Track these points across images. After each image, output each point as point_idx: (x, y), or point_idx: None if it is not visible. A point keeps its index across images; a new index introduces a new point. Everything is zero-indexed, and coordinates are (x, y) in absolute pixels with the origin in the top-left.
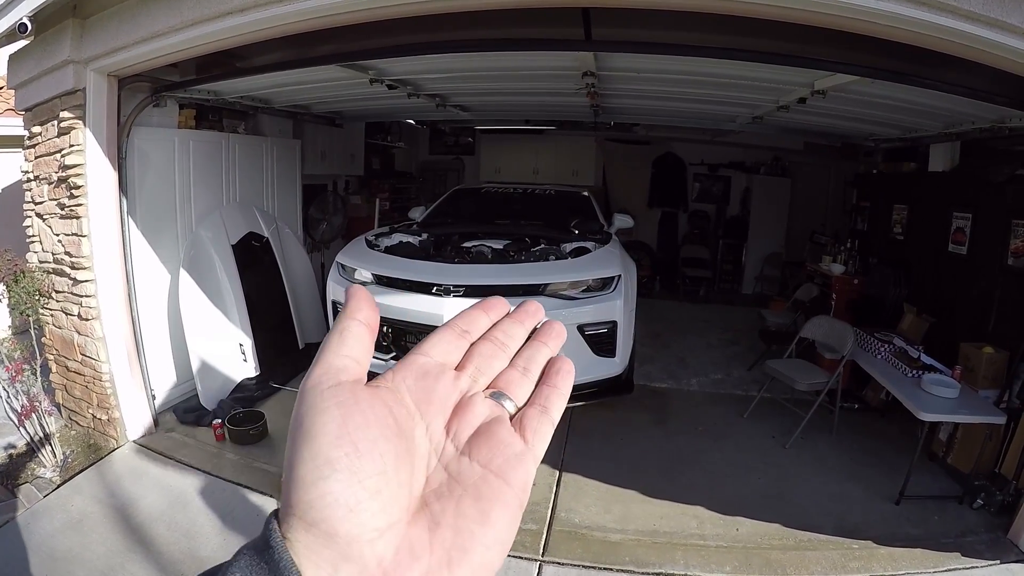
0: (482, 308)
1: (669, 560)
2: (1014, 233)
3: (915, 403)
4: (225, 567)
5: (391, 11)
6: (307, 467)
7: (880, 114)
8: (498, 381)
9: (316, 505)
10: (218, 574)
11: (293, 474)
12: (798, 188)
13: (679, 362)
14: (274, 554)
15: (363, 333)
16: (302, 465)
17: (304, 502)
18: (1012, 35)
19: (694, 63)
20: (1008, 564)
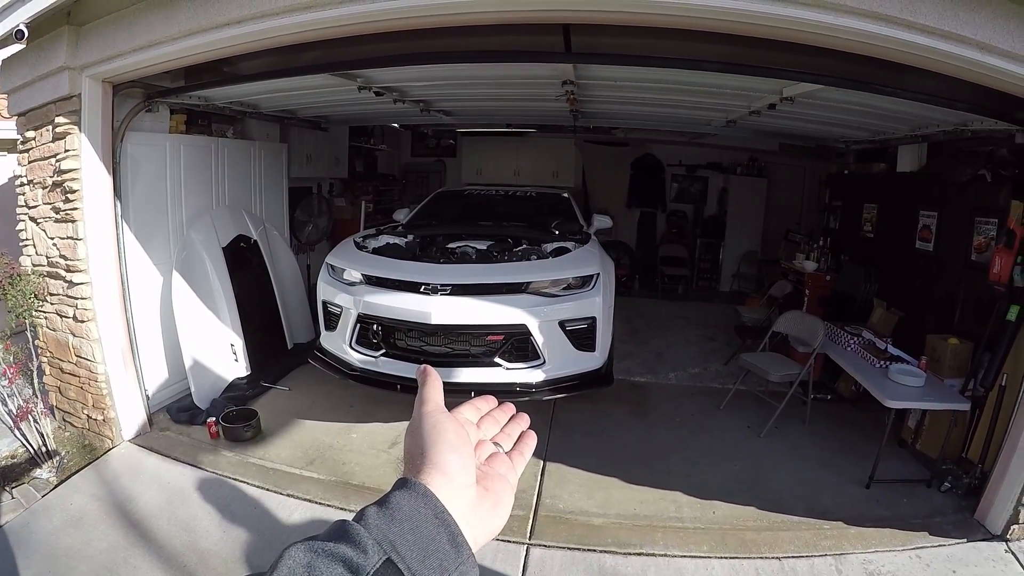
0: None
1: (649, 541)
2: (977, 230)
3: (882, 392)
4: (387, 495)
5: (382, 25)
6: (441, 446)
7: (848, 118)
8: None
9: (448, 462)
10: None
11: (436, 448)
12: (774, 188)
13: (658, 357)
14: (413, 483)
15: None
16: (440, 444)
17: (442, 462)
18: (968, 47)
19: (668, 72)
20: (975, 542)
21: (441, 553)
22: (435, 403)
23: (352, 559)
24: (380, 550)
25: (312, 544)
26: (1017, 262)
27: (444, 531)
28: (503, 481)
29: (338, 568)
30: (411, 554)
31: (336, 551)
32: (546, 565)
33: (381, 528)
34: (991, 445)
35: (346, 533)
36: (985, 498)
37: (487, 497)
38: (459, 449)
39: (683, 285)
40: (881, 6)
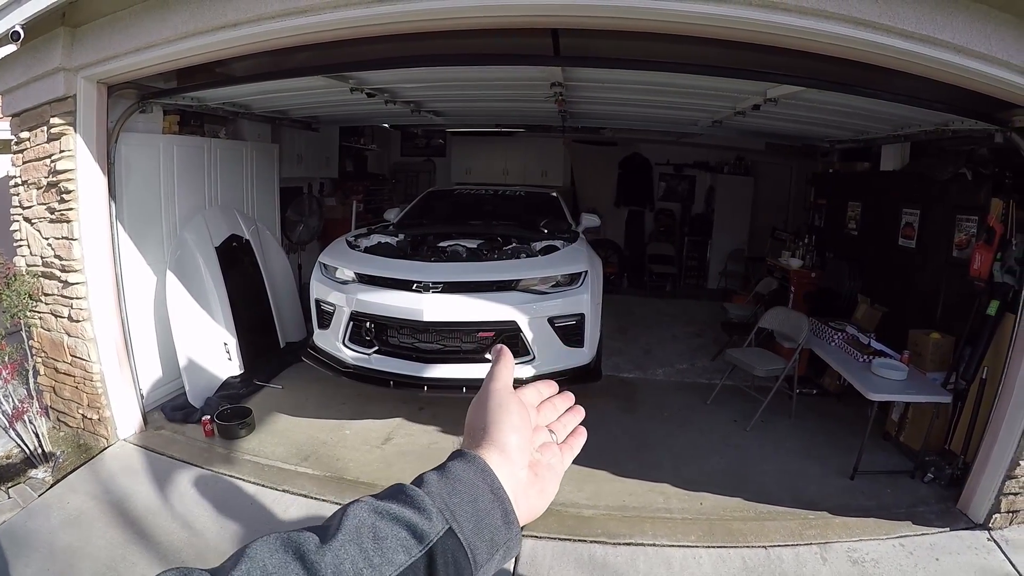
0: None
1: (638, 532)
2: (958, 227)
3: (865, 385)
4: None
5: (375, 29)
6: (506, 424)
7: (831, 118)
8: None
9: (508, 442)
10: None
11: (499, 427)
12: (760, 187)
13: (646, 354)
14: (473, 457)
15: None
16: (504, 423)
17: (502, 440)
18: (945, 50)
19: (654, 74)
20: (957, 531)
21: (494, 527)
22: (504, 382)
23: (417, 525)
24: (443, 518)
25: (376, 504)
26: (997, 258)
27: (499, 506)
28: (551, 471)
29: (403, 532)
30: (468, 525)
31: (401, 515)
32: (538, 555)
33: (443, 496)
34: (973, 437)
35: (409, 497)
36: (967, 488)
37: (536, 482)
38: (520, 431)
39: (671, 283)
40: (861, 11)
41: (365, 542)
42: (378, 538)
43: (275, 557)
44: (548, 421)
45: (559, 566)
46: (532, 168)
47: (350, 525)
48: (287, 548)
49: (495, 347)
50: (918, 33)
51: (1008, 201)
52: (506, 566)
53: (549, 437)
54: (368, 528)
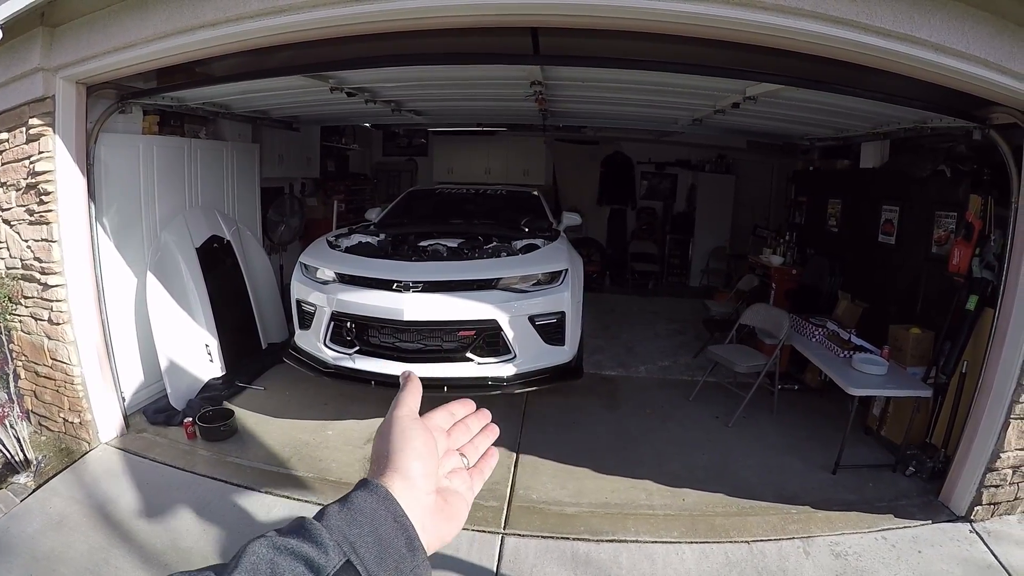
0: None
1: (621, 528)
2: (937, 223)
3: (845, 380)
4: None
5: (354, 28)
6: (408, 453)
7: (811, 116)
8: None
9: (411, 468)
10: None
11: (401, 455)
12: (742, 184)
13: (628, 351)
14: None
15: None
16: (405, 451)
17: (405, 467)
18: (923, 48)
19: (633, 72)
20: (940, 523)
21: (398, 555)
22: (409, 409)
23: (313, 559)
24: (340, 551)
25: (274, 540)
26: (975, 254)
27: (402, 534)
28: (459, 498)
29: (300, 567)
30: (369, 555)
31: (299, 550)
32: (521, 553)
33: (342, 528)
34: (953, 430)
35: (307, 532)
36: (949, 481)
37: (444, 508)
38: (424, 458)
39: (653, 281)
40: (838, 10)
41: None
42: (275, 574)
43: None
44: (460, 444)
45: (542, 564)
46: (514, 167)
47: (247, 563)
48: None
49: (404, 372)
50: (896, 31)
51: (986, 197)
52: (488, 566)
53: (460, 462)
54: (265, 564)
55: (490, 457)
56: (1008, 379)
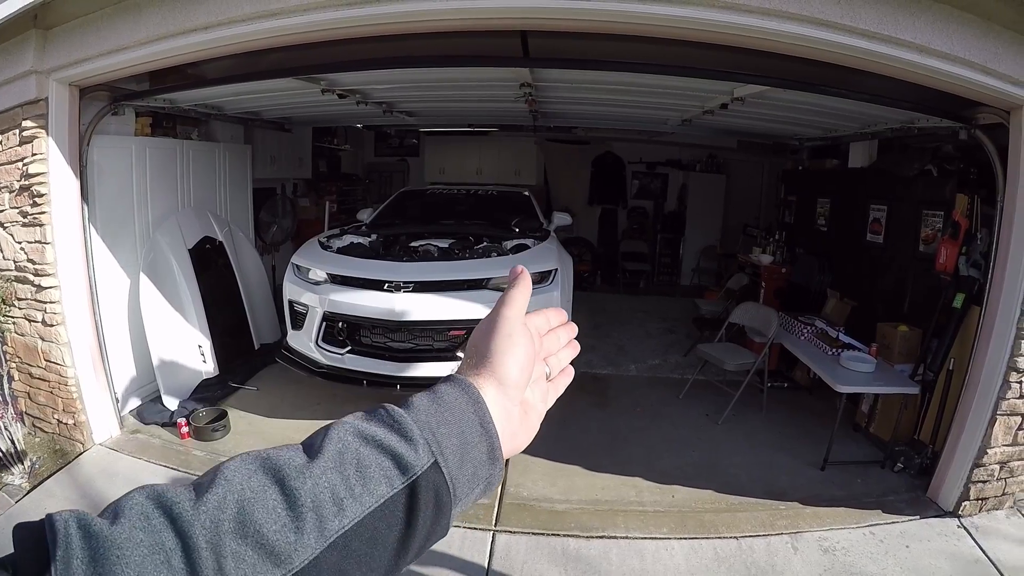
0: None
1: (611, 525)
2: (924, 223)
3: (834, 378)
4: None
5: (347, 31)
6: (510, 358)
7: (799, 116)
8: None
9: (509, 376)
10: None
11: (502, 359)
12: (732, 184)
13: (618, 350)
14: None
15: (528, 299)
16: (509, 356)
17: (502, 373)
18: (908, 50)
19: (622, 74)
20: (928, 519)
21: (477, 461)
22: (518, 310)
23: (402, 455)
24: (429, 450)
25: (361, 427)
26: (962, 252)
27: (486, 441)
28: (535, 411)
29: (387, 462)
30: (453, 458)
31: (387, 442)
32: (512, 550)
33: (431, 425)
34: (941, 426)
35: (397, 423)
36: (936, 477)
37: (524, 419)
38: (523, 366)
39: (644, 280)
40: (823, 12)
41: (348, 469)
42: (361, 466)
43: (253, 480)
44: (548, 353)
45: (533, 560)
46: (505, 167)
47: (333, 449)
48: (266, 471)
49: (515, 268)
50: (880, 33)
51: (973, 196)
52: (479, 562)
53: (544, 371)
54: (352, 454)
55: (567, 375)
56: (994, 376)
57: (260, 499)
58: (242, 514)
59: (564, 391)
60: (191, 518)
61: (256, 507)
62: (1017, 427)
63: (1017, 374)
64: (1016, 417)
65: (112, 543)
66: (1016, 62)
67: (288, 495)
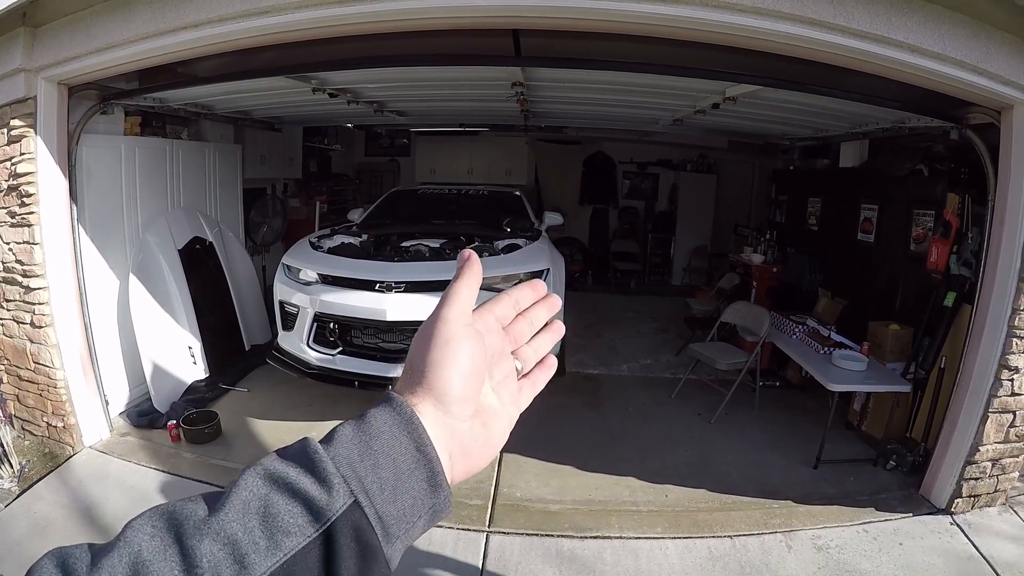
0: (531, 288)
1: (604, 525)
2: (915, 222)
3: (825, 376)
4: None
5: (338, 29)
6: (449, 370)
7: (790, 116)
8: (518, 351)
9: (448, 393)
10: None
11: (438, 372)
12: (723, 183)
13: (610, 350)
14: (400, 405)
15: (476, 291)
16: (446, 368)
17: (440, 389)
18: (900, 49)
19: (613, 73)
20: (920, 516)
21: (415, 493)
22: (460, 309)
23: (314, 499)
24: (347, 489)
25: (272, 469)
26: (953, 251)
27: (424, 468)
28: (500, 419)
29: (297, 507)
30: (381, 494)
31: (299, 485)
32: (506, 551)
33: (352, 460)
34: (933, 424)
35: (311, 462)
36: (929, 474)
37: (481, 434)
38: (468, 377)
39: (635, 279)
40: (816, 12)
41: (251, 521)
42: (268, 516)
43: (154, 540)
44: (519, 343)
45: (527, 561)
46: (496, 167)
47: (238, 499)
48: (169, 528)
49: (462, 253)
50: (873, 33)
51: (963, 196)
52: (473, 563)
53: (512, 367)
54: (258, 503)
55: (547, 366)
56: (986, 374)
57: (155, 562)
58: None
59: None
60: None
61: (151, 572)
62: (1009, 424)
63: (1008, 372)
64: (1008, 414)
65: None
66: (1007, 62)
67: (186, 555)
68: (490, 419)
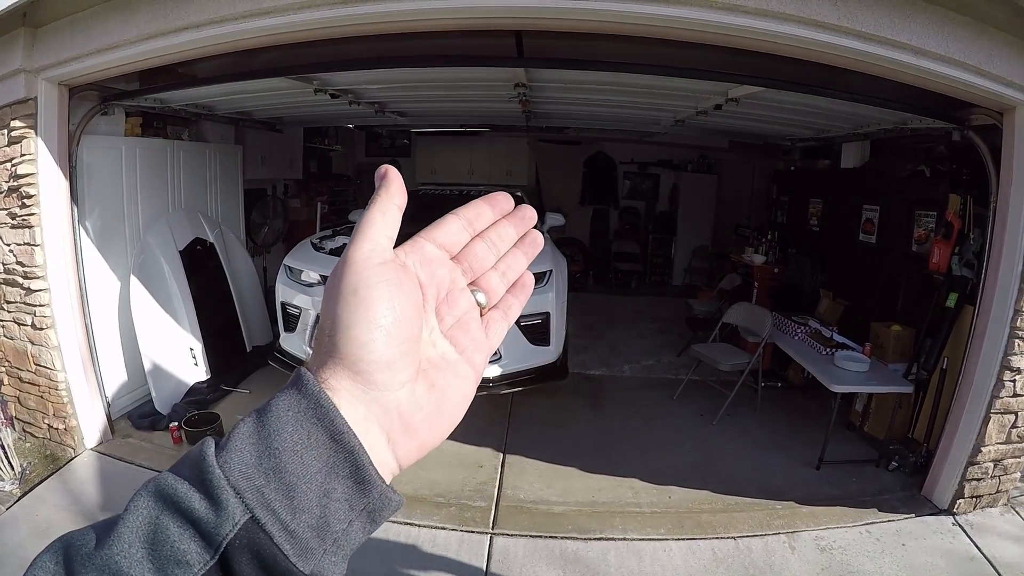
0: (488, 203)
1: (608, 526)
2: (917, 223)
3: (828, 377)
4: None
5: (340, 30)
6: (361, 329)
7: (792, 117)
8: (480, 280)
9: (365, 359)
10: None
11: (348, 333)
12: (724, 184)
13: (612, 350)
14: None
15: (398, 215)
16: (357, 327)
17: (354, 355)
18: (903, 51)
19: (616, 74)
20: (923, 517)
21: (335, 495)
22: (373, 243)
23: (204, 521)
24: (241, 505)
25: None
26: (955, 252)
27: (345, 463)
28: (459, 371)
29: (187, 533)
30: (288, 503)
31: (188, 505)
32: (510, 553)
33: (247, 467)
34: (935, 425)
35: (201, 476)
36: (931, 475)
37: (427, 400)
38: (392, 333)
39: (636, 280)
40: (820, 14)
41: (137, 552)
42: (156, 544)
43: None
44: (480, 271)
45: (531, 563)
46: (497, 167)
47: (126, 526)
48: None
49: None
50: (876, 35)
51: (965, 197)
52: (478, 565)
53: (472, 302)
54: (146, 528)
55: (522, 287)
56: (988, 375)
57: None
58: None
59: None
60: None
61: None
62: (1011, 425)
63: (1011, 372)
64: (1010, 415)
65: None
66: (1009, 64)
67: None
68: (440, 376)
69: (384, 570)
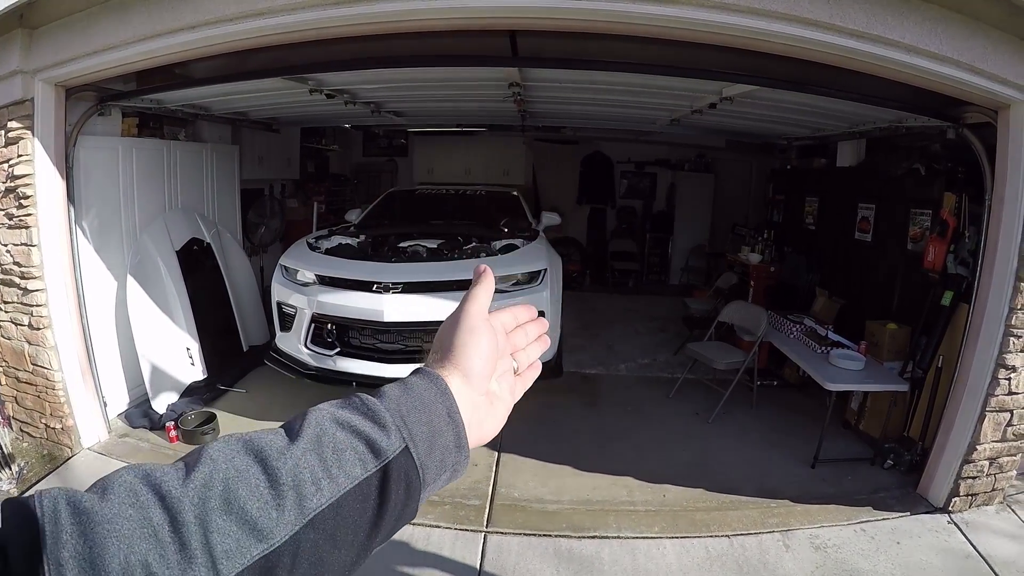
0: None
1: (602, 525)
2: (913, 221)
3: (823, 376)
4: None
5: (335, 31)
6: (472, 351)
7: (787, 116)
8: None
9: (472, 368)
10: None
11: (465, 351)
12: (721, 183)
13: (608, 350)
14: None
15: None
16: (471, 348)
17: (466, 366)
18: (896, 49)
19: (610, 74)
20: (918, 515)
21: (445, 448)
22: (481, 306)
23: (376, 440)
24: (400, 436)
25: (336, 414)
26: (950, 250)
27: (452, 429)
28: (502, 402)
29: (361, 446)
30: (422, 445)
31: (361, 428)
32: (504, 550)
33: (402, 412)
34: (930, 423)
35: (370, 410)
36: (926, 473)
37: (490, 409)
38: (485, 359)
39: (633, 279)
40: (812, 12)
41: (325, 452)
42: (337, 449)
43: (237, 460)
44: (517, 348)
45: (525, 561)
46: (494, 167)
47: (311, 433)
48: (249, 451)
49: (478, 267)
50: (869, 33)
51: (961, 195)
52: (471, 563)
53: (511, 365)
54: (329, 438)
55: (535, 369)
56: (983, 373)
57: (244, 478)
58: (227, 491)
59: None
60: (179, 495)
61: (240, 485)
62: (1006, 423)
63: (1006, 371)
64: (1005, 413)
65: (102, 518)
66: (1004, 62)
67: (270, 474)
68: (495, 401)
69: (378, 568)
